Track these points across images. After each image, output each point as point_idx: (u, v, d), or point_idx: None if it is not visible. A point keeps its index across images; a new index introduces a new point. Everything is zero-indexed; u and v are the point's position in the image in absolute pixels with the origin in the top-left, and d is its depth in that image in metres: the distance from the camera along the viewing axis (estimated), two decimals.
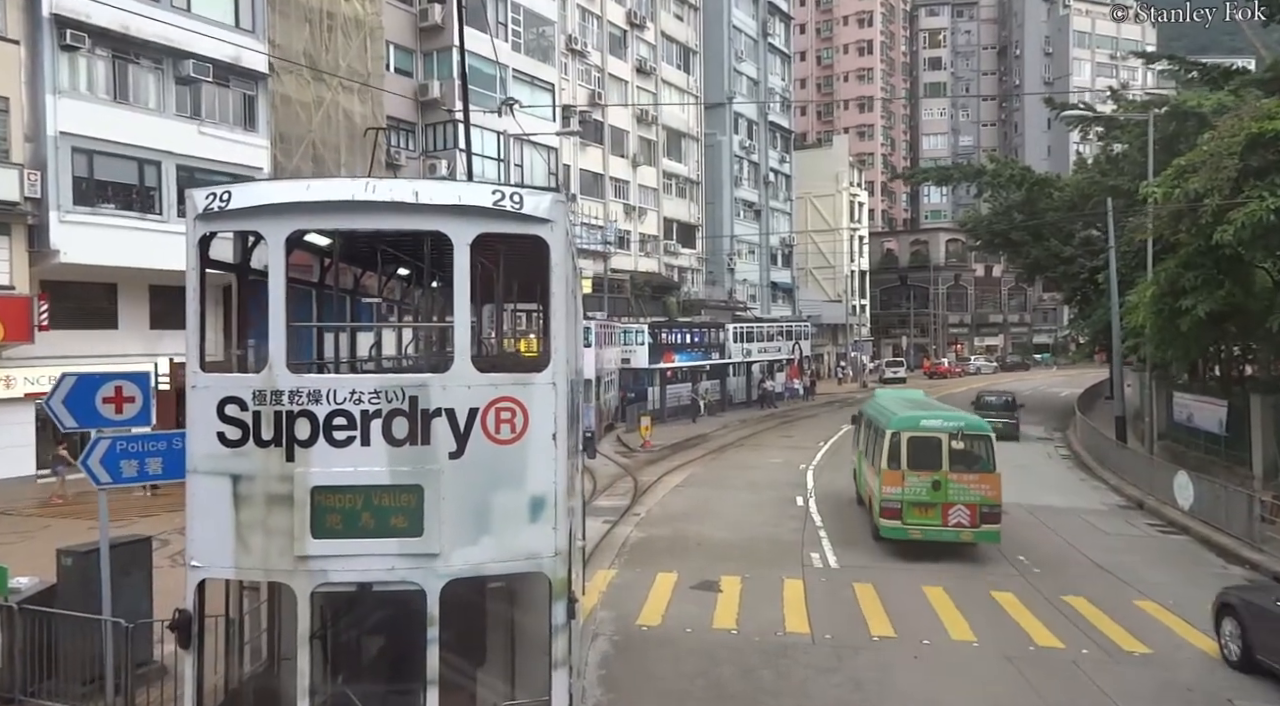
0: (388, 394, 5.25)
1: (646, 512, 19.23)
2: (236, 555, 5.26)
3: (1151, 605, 12.77)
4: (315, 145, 27.56)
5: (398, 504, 5.21)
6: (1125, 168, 35.02)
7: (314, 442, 5.20)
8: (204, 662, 5.63)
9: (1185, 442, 24.55)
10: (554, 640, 5.43)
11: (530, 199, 5.36)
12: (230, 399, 5.24)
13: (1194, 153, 18.49)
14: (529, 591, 6.13)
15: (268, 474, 5.21)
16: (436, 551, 5.20)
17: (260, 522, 5.22)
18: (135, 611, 8.58)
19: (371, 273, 8.97)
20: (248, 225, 5.47)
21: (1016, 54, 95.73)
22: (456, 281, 5.45)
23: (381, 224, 5.53)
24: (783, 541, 16.51)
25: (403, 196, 5.32)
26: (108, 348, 22.95)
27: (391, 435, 5.23)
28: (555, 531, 5.39)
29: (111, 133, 21.70)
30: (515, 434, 5.32)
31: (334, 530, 5.19)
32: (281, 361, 5.24)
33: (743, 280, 58.92)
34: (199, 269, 5.43)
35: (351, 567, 5.26)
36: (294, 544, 5.17)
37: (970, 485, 14.95)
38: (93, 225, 21.40)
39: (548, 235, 5.41)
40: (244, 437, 5.22)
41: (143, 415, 8.48)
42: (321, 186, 5.50)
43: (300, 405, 5.20)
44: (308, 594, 5.20)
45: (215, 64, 23.41)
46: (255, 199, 5.32)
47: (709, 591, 13.20)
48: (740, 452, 29.30)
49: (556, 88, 39.45)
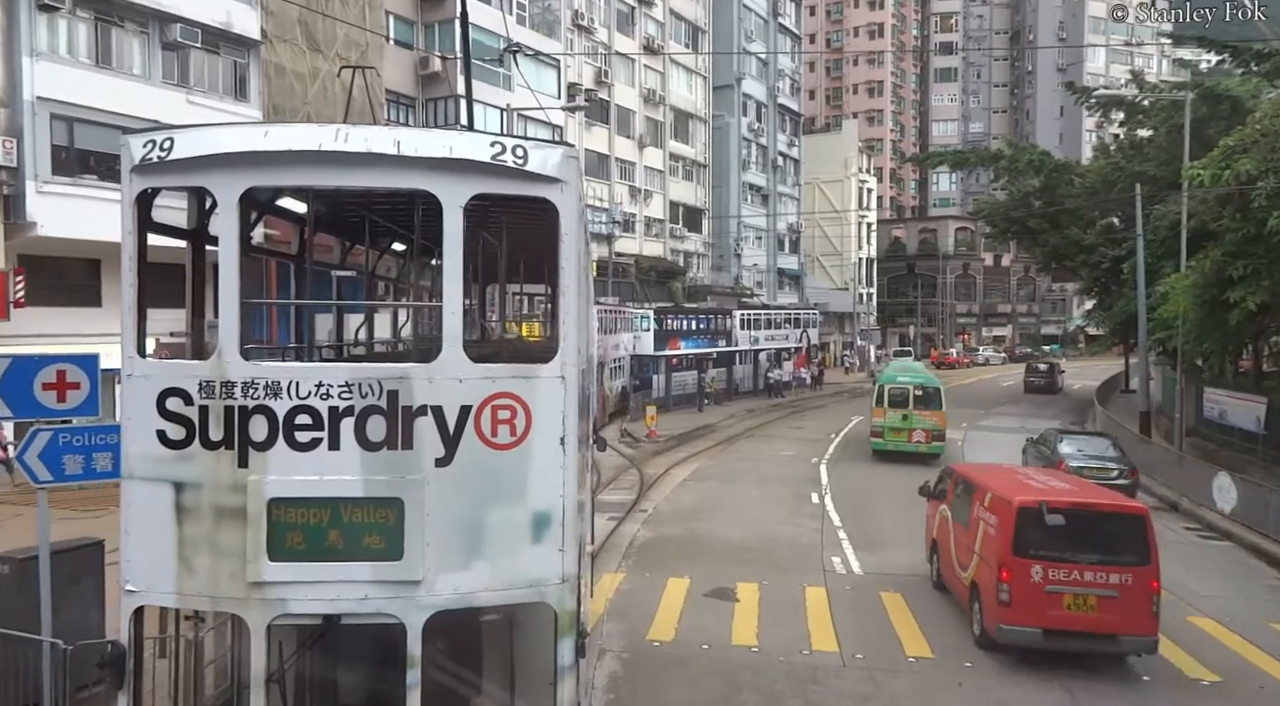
0: (362, 387, 4.37)
1: (654, 509, 18.19)
2: (179, 579, 4.40)
3: (1208, 622, 11.73)
4: (311, 118, 26.34)
5: (373, 520, 4.37)
6: (1150, 153, 33.78)
7: (272, 445, 4.35)
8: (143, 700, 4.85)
9: (1216, 440, 23.46)
10: (560, 683, 4.57)
11: (537, 153, 4.45)
12: (172, 391, 4.39)
13: (1243, 131, 17.32)
14: (531, 623, 5.27)
15: (216, 482, 4.36)
16: (419, 578, 4.37)
17: (207, 540, 4.36)
18: (82, 626, 7.56)
19: (357, 244, 7.73)
20: (194, 179, 4.57)
21: (1030, 39, 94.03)
22: (446, 253, 4.47)
23: (356, 180, 4.61)
24: (801, 543, 15.46)
25: (382, 147, 4.34)
26: (90, 326, 21.77)
27: (366, 437, 4.38)
28: (563, 554, 4.52)
29: (93, 99, 20.53)
30: (515, 437, 4.48)
31: (295, 551, 4.33)
32: (234, 346, 4.40)
33: (752, 265, 57.78)
34: (136, 233, 4.67)
35: (316, 597, 4.36)
36: (247, 567, 4.31)
37: (925, 417, 23.60)
38: (73, 196, 20.25)
39: (557, 198, 4.49)
40: (188, 438, 4.38)
41: (89, 404, 7.42)
42: (283, 133, 4.51)
43: (256, 399, 4.34)
44: (263, 627, 4.34)
45: (204, 29, 22.22)
46: (202, 147, 4.40)
47: (725, 600, 12.15)
48: (750, 444, 28.24)
49: (562, 64, 38.17)
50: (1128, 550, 9.87)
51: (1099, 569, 9.77)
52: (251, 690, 4.38)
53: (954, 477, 12.76)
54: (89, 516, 15.48)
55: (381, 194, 5.61)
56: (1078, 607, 9.74)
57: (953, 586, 11.90)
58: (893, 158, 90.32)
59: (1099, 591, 9.72)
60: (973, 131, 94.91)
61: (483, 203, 4.78)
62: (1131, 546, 9.89)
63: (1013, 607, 9.86)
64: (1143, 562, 9.82)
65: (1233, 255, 17.45)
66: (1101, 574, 9.75)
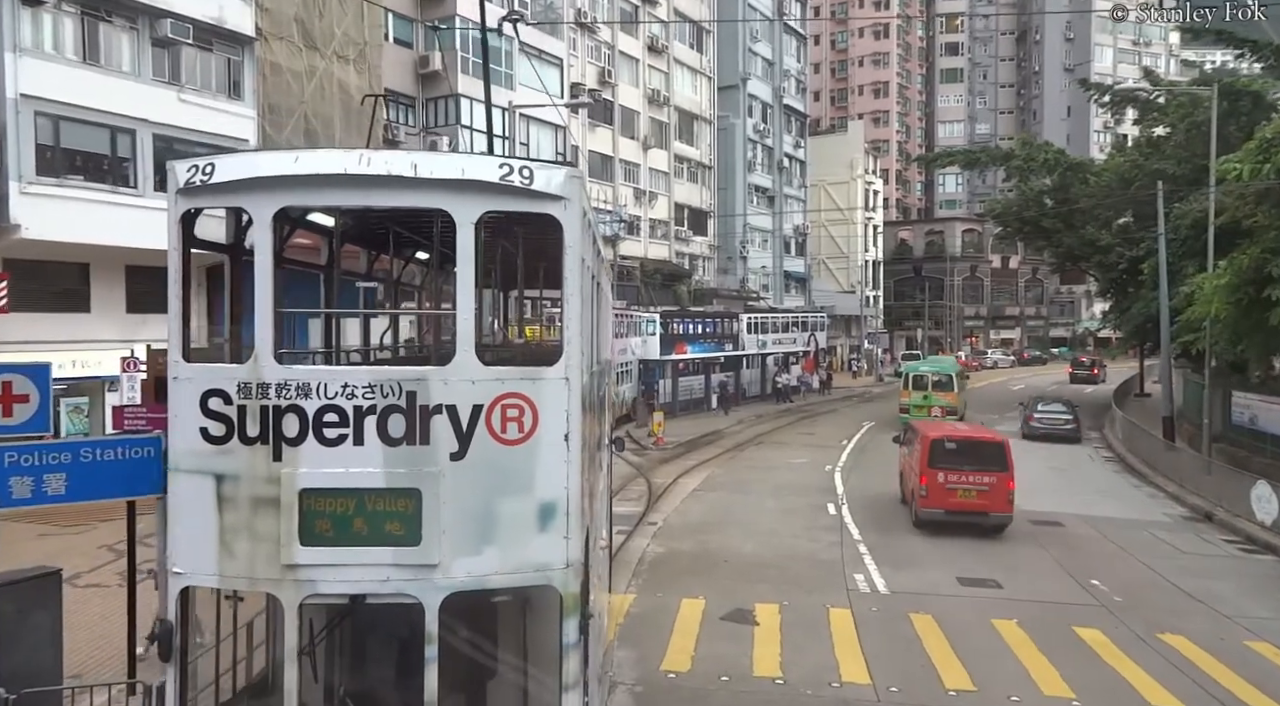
0: (383, 388, 4.76)
1: (664, 521, 17.36)
2: (220, 562, 4.81)
3: (1269, 648, 10.89)
4: (307, 117, 25.59)
5: (393, 509, 4.75)
6: (1168, 151, 32.90)
7: (303, 441, 4.73)
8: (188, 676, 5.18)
9: (1247, 446, 22.56)
10: (565, 660, 4.95)
11: (542, 173, 4.81)
12: (214, 391, 4.78)
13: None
14: (543, 605, 5.52)
15: (253, 474, 4.76)
16: (435, 562, 4.74)
17: (245, 527, 4.77)
18: (30, 669, 6.75)
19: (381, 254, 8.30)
20: (233, 200, 4.96)
21: (1036, 39, 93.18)
22: (460, 265, 4.85)
23: (377, 200, 5.00)
24: (820, 559, 14.62)
25: (400, 170, 4.74)
26: (79, 332, 21.15)
27: (387, 434, 4.76)
28: (567, 541, 4.90)
29: (80, 97, 19.76)
30: (523, 433, 4.83)
31: (324, 537, 4.72)
32: (269, 351, 4.78)
33: (762, 267, 56.97)
34: (181, 249, 4.95)
35: (343, 578, 4.77)
36: (281, 551, 4.71)
37: (941, 397, 30.09)
38: (59, 198, 19.50)
39: (561, 214, 4.85)
40: (228, 434, 4.78)
41: (38, 419, 6.60)
42: (312, 158, 4.88)
43: (288, 399, 4.74)
44: (296, 605, 4.76)
45: (196, 25, 21.46)
46: (240, 171, 4.79)
47: (744, 623, 11.32)
48: (760, 451, 27.39)
49: (565, 63, 37.42)
50: (994, 463, 16.19)
51: (977, 474, 16.14)
52: (286, 661, 4.77)
53: (908, 429, 19.16)
54: (70, 532, 14.72)
55: (402, 211, 5.97)
56: (965, 496, 16.15)
57: (905, 493, 18.35)
58: (898, 159, 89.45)
59: (977, 487, 16.13)
60: (979, 132, 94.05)
61: (495, 217, 5.09)
62: (996, 461, 16.21)
63: (928, 498, 16.28)
64: (1003, 470, 16.15)
65: (1272, 252, 16.61)
66: (978, 477, 16.14)
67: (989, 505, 15.99)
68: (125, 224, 20.65)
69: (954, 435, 17.24)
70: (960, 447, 16.44)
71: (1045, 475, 23.71)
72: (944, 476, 16.06)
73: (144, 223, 21.08)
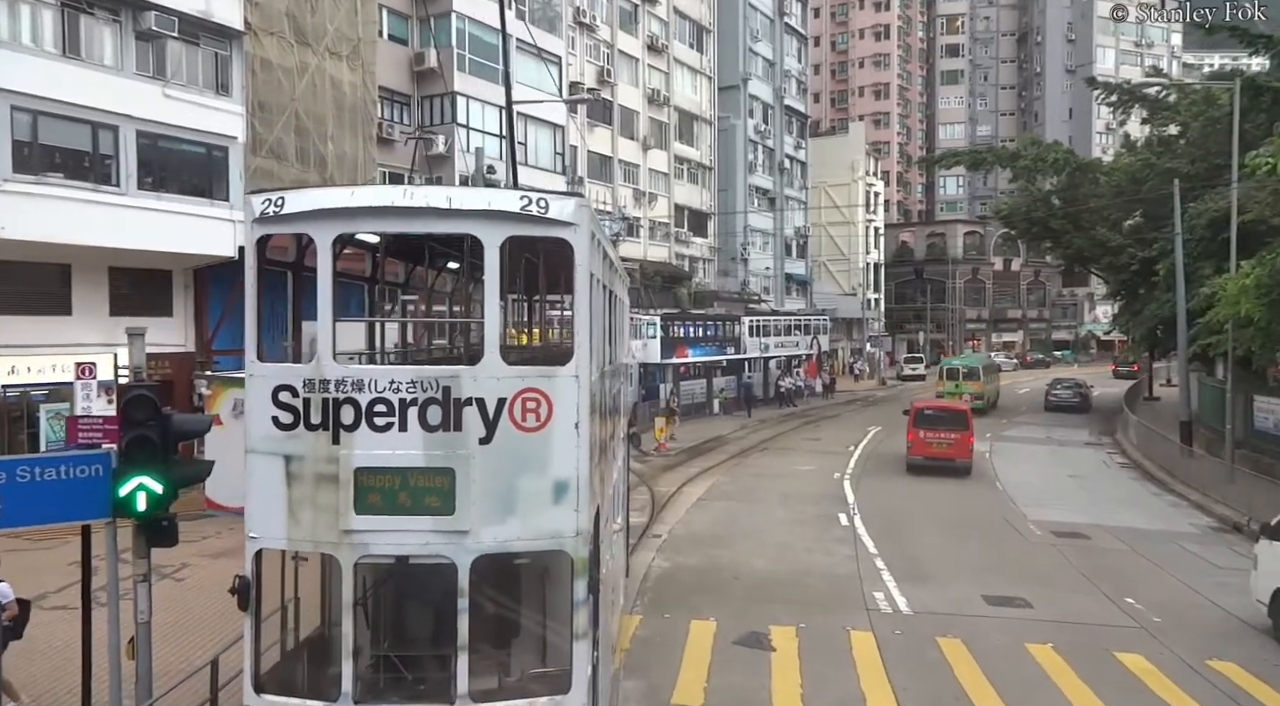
0: (423, 384, 5.56)
1: (669, 533, 16.57)
2: (289, 528, 5.63)
3: None
4: (299, 115, 24.79)
5: (432, 485, 5.52)
6: (1181, 150, 32.19)
7: (357, 427, 5.54)
8: (261, 625, 5.88)
9: (1270, 453, 21.79)
10: (575, 614, 5.71)
11: (555, 204, 5.60)
12: (283, 387, 5.59)
13: None
14: (560, 570, 6.23)
15: (316, 455, 5.56)
16: (467, 529, 5.52)
17: (309, 499, 5.56)
18: None
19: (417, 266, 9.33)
20: (299, 228, 5.77)
21: (1038, 40, 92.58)
22: (487, 281, 5.72)
23: (418, 227, 5.95)
24: (836, 574, 13.83)
25: (437, 202, 5.64)
26: (59, 336, 20.38)
27: (426, 422, 5.54)
28: (577, 513, 5.65)
29: (60, 92, 18.99)
30: (540, 422, 5.58)
31: (375, 507, 5.52)
32: (329, 353, 5.56)
33: (765, 268, 56.21)
34: (256, 267, 5.71)
35: (390, 542, 5.63)
36: (339, 519, 5.53)
37: (970, 385, 36.75)
38: (37, 196, 18.71)
39: (571, 237, 5.63)
40: (295, 422, 5.58)
41: None
42: (365, 193, 5.87)
43: (345, 393, 5.54)
44: (351, 564, 5.56)
45: (182, 18, 20.68)
46: (306, 204, 5.65)
47: (759, 649, 10.52)
48: (765, 458, 26.59)
49: (564, 61, 36.68)
50: (959, 424, 23.11)
51: (947, 432, 23.00)
52: (343, 612, 5.53)
53: (913, 414, 24.29)
54: (41, 548, 13.92)
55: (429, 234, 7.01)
56: (939, 447, 22.96)
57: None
58: (899, 161, 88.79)
59: (946, 441, 22.90)
60: (980, 134, 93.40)
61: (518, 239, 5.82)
62: (961, 423, 23.08)
63: (913, 449, 23.29)
64: (965, 429, 22.95)
65: None
66: (947, 434, 22.96)
67: (955, 454, 23.00)
68: (108, 223, 19.89)
69: (931, 405, 25.06)
70: (935, 414, 23.91)
71: (1063, 483, 22.99)
72: (924, 434, 23.25)
73: (127, 222, 20.30)
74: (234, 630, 9.69)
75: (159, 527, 6.36)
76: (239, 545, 14.48)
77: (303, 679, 6.55)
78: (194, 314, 24.00)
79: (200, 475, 6.78)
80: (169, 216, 20.99)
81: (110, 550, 6.44)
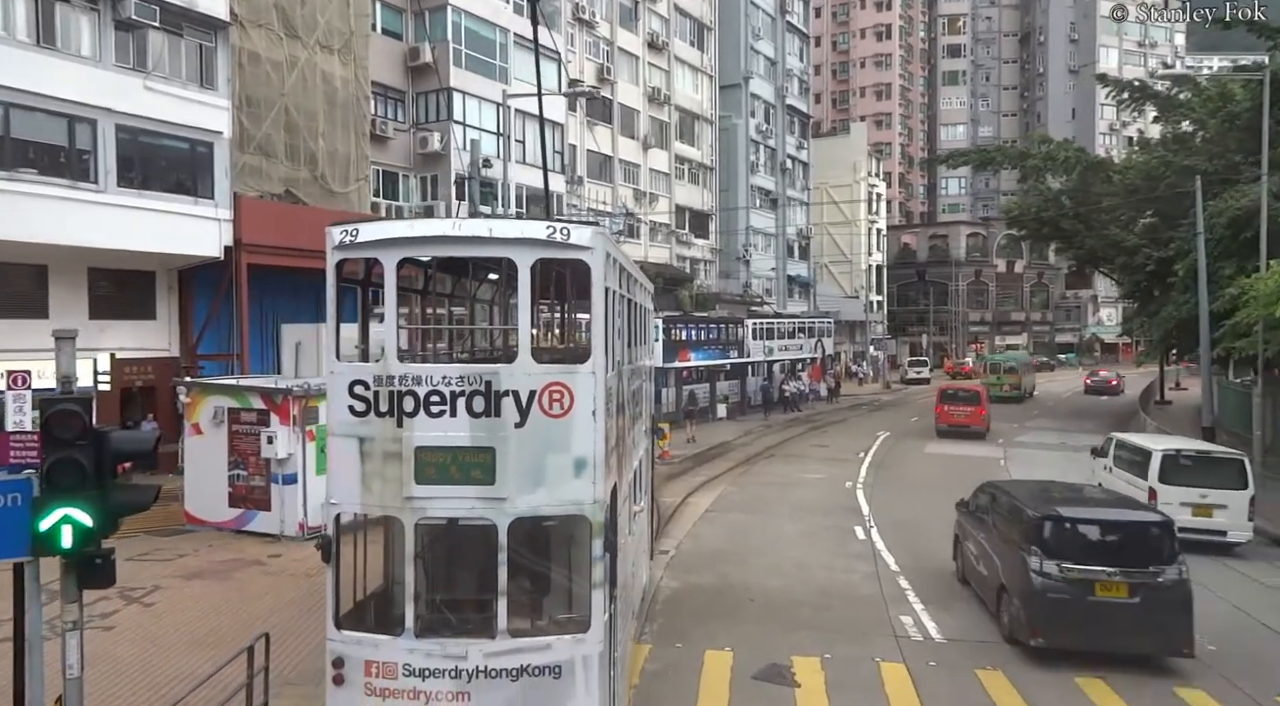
0: (469, 379, 6.61)
1: (676, 548, 15.61)
2: (362, 495, 6.68)
3: None
4: (288, 110, 23.86)
5: (476, 461, 6.55)
6: (1198, 147, 31.28)
7: (416, 414, 6.58)
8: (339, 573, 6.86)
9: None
10: (593, 567, 6.74)
11: (576, 231, 6.68)
12: (357, 381, 6.65)
13: None
14: (581, 532, 7.00)
15: (384, 437, 6.60)
16: (505, 496, 6.56)
17: (378, 473, 6.63)
18: None
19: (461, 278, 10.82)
20: (370, 253, 6.86)
21: (1040, 40, 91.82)
22: (520, 295, 6.93)
23: (464, 252, 7.45)
24: (858, 595, 12.86)
25: (480, 232, 6.88)
26: (35, 340, 19.28)
27: (472, 409, 6.56)
28: (594, 485, 6.68)
29: (34, 83, 18.12)
30: (564, 410, 6.60)
31: (431, 478, 6.58)
32: (393, 353, 6.78)
33: (770, 269, 55.23)
34: (335, 286, 6.76)
35: (443, 507, 6.72)
36: (402, 488, 6.59)
37: (1009, 377, 46.79)
38: (10, 193, 17.82)
39: (589, 259, 6.71)
40: (367, 410, 6.62)
41: None
42: (422, 225, 7.15)
43: (406, 386, 6.58)
44: (412, 525, 6.62)
45: (163, 7, 19.79)
46: (376, 235, 6.76)
47: (781, 684, 9.55)
48: (773, 465, 25.63)
49: (562, 58, 35.74)
50: (974, 401, 32.61)
51: (964, 406, 32.44)
52: (405, 563, 6.60)
53: (940, 393, 33.75)
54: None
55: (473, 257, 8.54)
56: (959, 417, 32.15)
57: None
58: (901, 162, 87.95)
59: (964, 412, 32.28)
60: (981, 135, 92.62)
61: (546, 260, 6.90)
62: (975, 400, 32.65)
63: (940, 419, 32.56)
64: (979, 405, 32.36)
65: None
66: (965, 407, 32.40)
67: (971, 422, 31.75)
68: (85, 222, 18.95)
69: (952, 386, 35.88)
70: (956, 393, 33.43)
71: None
72: (949, 408, 32.46)
73: (106, 221, 19.33)
74: (210, 660, 8.71)
75: (92, 566, 5.38)
76: (218, 565, 13.44)
77: (372, 619, 7.53)
78: (178, 317, 23.06)
79: (144, 503, 5.76)
80: (150, 215, 20.05)
81: (33, 594, 5.47)
